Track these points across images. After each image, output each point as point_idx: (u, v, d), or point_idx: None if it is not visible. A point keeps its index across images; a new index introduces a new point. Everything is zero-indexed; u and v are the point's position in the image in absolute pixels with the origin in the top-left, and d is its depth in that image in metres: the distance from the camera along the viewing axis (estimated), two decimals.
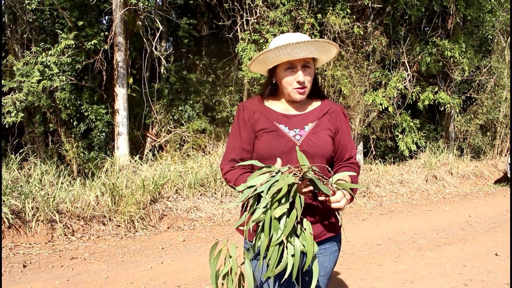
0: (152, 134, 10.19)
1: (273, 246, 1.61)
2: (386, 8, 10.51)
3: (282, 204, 1.61)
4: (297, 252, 1.62)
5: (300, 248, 1.63)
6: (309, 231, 1.66)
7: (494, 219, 7.02)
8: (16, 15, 8.81)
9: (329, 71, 9.54)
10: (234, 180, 1.93)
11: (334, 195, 1.74)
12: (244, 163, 1.94)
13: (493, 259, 4.93)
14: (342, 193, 1.75)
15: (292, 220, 1.60)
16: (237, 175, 1.93)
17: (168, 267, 4.67)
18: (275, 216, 1.59)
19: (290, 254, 1.61)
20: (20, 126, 9.14)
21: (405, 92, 11.03)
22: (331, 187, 1.75)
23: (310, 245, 1.63)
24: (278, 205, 1.61)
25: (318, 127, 1.97)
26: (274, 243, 1.60)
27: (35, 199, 5.75)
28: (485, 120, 13.58)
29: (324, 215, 1.91)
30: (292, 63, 1.91)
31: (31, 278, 4.31)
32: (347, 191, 1.77)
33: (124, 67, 8.92)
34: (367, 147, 11.83)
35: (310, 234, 1.66)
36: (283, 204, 1.61)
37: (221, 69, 11.13)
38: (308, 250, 1.63)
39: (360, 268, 4.61)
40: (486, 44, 13.50)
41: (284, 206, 1.60)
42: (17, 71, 7.58)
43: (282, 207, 1.60)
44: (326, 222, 1.93)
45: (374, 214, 7.48)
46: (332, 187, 1.75)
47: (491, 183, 11.29)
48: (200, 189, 7.30)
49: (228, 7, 9.81)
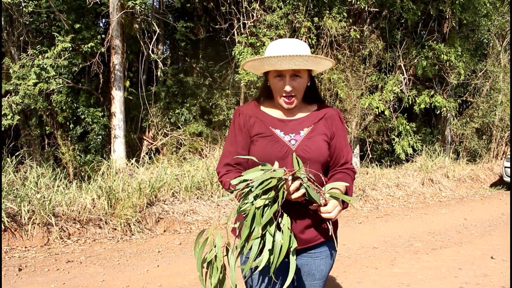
0: (149, 137, 10.18)
1: (253, 239, 1.62)
2: (383, 12, 10.56)
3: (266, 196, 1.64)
4: (276, 246, 1.63)
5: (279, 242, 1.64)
6: (287, 226, 1.67)
7: (490, 222, 7.05)
8: (13, 18, 8.79)
9: (326, 75, 9.57)
10: (229, 184, 1.94)
11: (326, 206, 1.74)
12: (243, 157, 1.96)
13: (489, 262, 4.94)
14: (334, 204, 1.75)
15: (271, 211, 1.62)
16: (232, 178, 1.94)
17: (164, 270, 4.66)
18: (256, 206, 1.61)
19: (267, 248, 1.62)
20: (16, 129, 9.11)
21: (402, 95, 11.07)
22: (324, 197, 1.74)
23: (286, 239, 1.64)
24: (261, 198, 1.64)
25: (314, 132, 1.97)
26: (254, 236, 1.61)
27: (31, 202, 5.73)
28: (481, 123, 13.64)
29: (319, 220, 1.90)
30: (280, 72, 1.91)
31: (26, 281, 4.29)
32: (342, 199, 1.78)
33: (121, 70, 8.92)
34: (363, 151, 11.86)
35: (287, 228, 1.67)
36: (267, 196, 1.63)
37: (218, 72, 11.14)
38: (283, 244, 1.64)
39: (356, 272, 4.61)
40: (481, 48, 13.58)
41: (267, 198, 1.63)
42: (14, 73, 7.56)
43: (265, 198, 1.63)
44: (321, 226, 1.93)
45: (371, 218, 7.49)
46: (324, 196, 1.75)
47: (487, 187, 11.33)
48: (196, 192, 7.29)
49: (225, 10, 9.83)
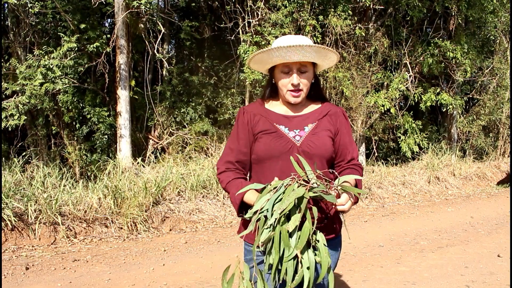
0: (154, 137, 10.21)
1: (287, 262, 1.57)
2: (388, 9, 10.52)
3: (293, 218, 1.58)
4: (311, 265, 1.59)
5: (315, 260, 1.60)
6: (323, 242, 1.64)
7: (496, 221, 7.01)
8: (19, 19, 8.85)
9: (331, 73, 9.54)
10: (225, 183, 1.97)
11: (339, 198, 1.74)
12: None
13: (496, 260, 4.92)
14: (347, 196, 1.75)
15: (306, 233, 1.58)
16: (230, 179, 1.96)
17: (170, 269, 4.68)
18: (287, 230, 1.56)
19: (305, 266, 1.58)
20: (23, 129, 9.18)
21: (407, 93, 11.02)
22: (336, 190, 1.74)
23: (325, 257, 1.61)
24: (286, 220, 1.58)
25: (318, 128, 1.99)
26: (287, 259, 1.57)
27: (37, 201, 5.77)
28: (488, 121, 13.55)
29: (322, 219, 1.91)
30: (288, 65, 1.93)
31: (33, 280, 4.32)
32: (352, 193, 1.77)
33: (126, 69, 8.95)
34: (369, 149, 11.82)
35: (324, 245, 1.63)
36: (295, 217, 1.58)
37: (223, 71, 11.15)
38: (323, 262, 1.61)
39: (362, 270, 4.61)
40: (488, 45, 13.47)
41: (296, 220, 1.58)
42: (20, 74, 7.62)
43: (295, 220, 1.58)
44: (325, 225, 1.93)
45: (376, 216, 7.48)
46: (336, 190, 1.75)
47: (493, 184, 11.26)
48: (202, 191, 7.31)
49: (230, 9, 9.84)
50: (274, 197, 1.62)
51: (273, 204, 1.60)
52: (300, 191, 1.60)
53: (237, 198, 1.87)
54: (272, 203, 1.60)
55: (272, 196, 1.63)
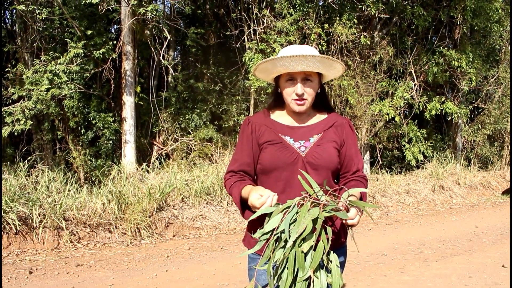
0: (159, 143, 10.24)
1: (300, 282, 1.56)
2: (393, 18, 10.55)
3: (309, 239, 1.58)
4: (323, 286, 1.58)
5: (327, 281, 1.59)
6: (336, 263, 1.63)
7: (501, 230, 6.97)
8: (27, 24, 8.93)
9: (336, 81, 9.57)
10: (228, 187, 2.00)
11: (349, 213, 1.73)
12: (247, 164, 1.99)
13: (500, 270, 4.88)
14: (356, 211, 1.75)
15: (320, 253, 1.57)
16: (232, 183, 1.99)
17: (173, 275, 4.67)
18: (302, 251, 1.56)
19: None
20: (29, 134, 9.23)
21: (412, 102, 11.02)
22: (345, 204, 1.74)
23: (336, 278, 1.60)
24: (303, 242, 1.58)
25: (324, 139, 1.99)
26: (301, 279, 1.55)
27: (42, 206, 5.80)
28: (493, 130, 13.50)
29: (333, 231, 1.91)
30: (292, 75, 1.93)
31: (37, 284, 4.34)
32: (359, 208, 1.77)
33: (132, 75, 9.01)
34: (373, 157, 11.81)
35: (336, 266, 1.62)
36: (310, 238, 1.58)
37: (228, 78, 11.19)
38: (334, 283, 1.60)
39: (365, 279, 4.59)
40: (493, 54, 13.46)
41: (311, 240, 1.57)
42: (27, 79, 7.68)
43: (310, 241, 1.57)
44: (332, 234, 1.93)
45: (380, 224, 7.45)
46: (345, 204, 1.74)
47: (498, 194, 11.20)
48: (206, 198, 7.32)
49: (235, 17, 9.90)
50: (288, 217, 1.61)
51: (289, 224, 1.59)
52: (315, 212, 1.60)
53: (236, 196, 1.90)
54: (288, 223, 1.59)
55: (287, 216, 1.62)
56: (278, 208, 1.67)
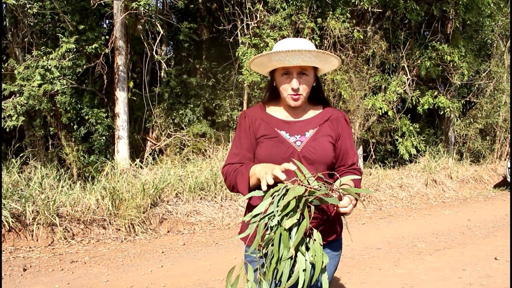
0: (152, 138, 10.21)
1: (284, 261, 1.55)
2: (386, 12, 10.56)
3: (292, 216, 1.56)
4: (307, 266, 1.57)
5: (310, 260, 1.58)
6: (319, 241, 1.61)
7: (493, 223, 7.04)
8: (17, 19, 8.83)
9: (329, 75, 9.57)
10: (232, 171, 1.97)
11: (342, 201, 1.73)
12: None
13: (493, 263, 4.94)
14: (349, 199, 1.75)
15: (302, 230, 1.56)
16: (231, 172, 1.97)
17: (168, 271, 4.67)
18: (285, 228, 1.55)
19: (301, 268, 1.56)
20: (21, 130, 9.15)
21: (405, 96, 11.06)
22: (337, 192, 1.74)
23: (319, 256, 1.58)
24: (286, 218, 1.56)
25: (319, 133, 1.99)
26: (285, 258, 1.55)
27: (35, 202, 5.76)
28: (485, 124, 13.60)
29: (324, 221, 1.91)
30: (288, 69, 1.93)
31: (31, 281, 4.32)
32: (353, 196, 1.76)
33: (125, 71, 8.95)
34: (366, 151, 11.85)
35: (319, 245, 1.61)
36: (293, 216, 1.57)
37: (221, 73, 11.16)
38: (317, 262, 1.58)
39: (360, 272, 4.62)
40: (485, 49, 13.54)
41: (294, 217, 1.56)
42: (18, 75, 7.60)
43: (293, 218, 1.56)
44: (326, 227, 1.93)
45: (374, 218, 7.49)
46: (338, 192, 1.74)
47: (490, 187, 11.30)
48: (200, 193, 7.31)
49: (228, 11, 9.86)
50: (276, 200, 1.61)
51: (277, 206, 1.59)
52: (299, 189, 1.58)
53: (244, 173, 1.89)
54: (276, 206, 1.59)
55: (275, 199, 1.61)
56: (269, 192, 1.66)
